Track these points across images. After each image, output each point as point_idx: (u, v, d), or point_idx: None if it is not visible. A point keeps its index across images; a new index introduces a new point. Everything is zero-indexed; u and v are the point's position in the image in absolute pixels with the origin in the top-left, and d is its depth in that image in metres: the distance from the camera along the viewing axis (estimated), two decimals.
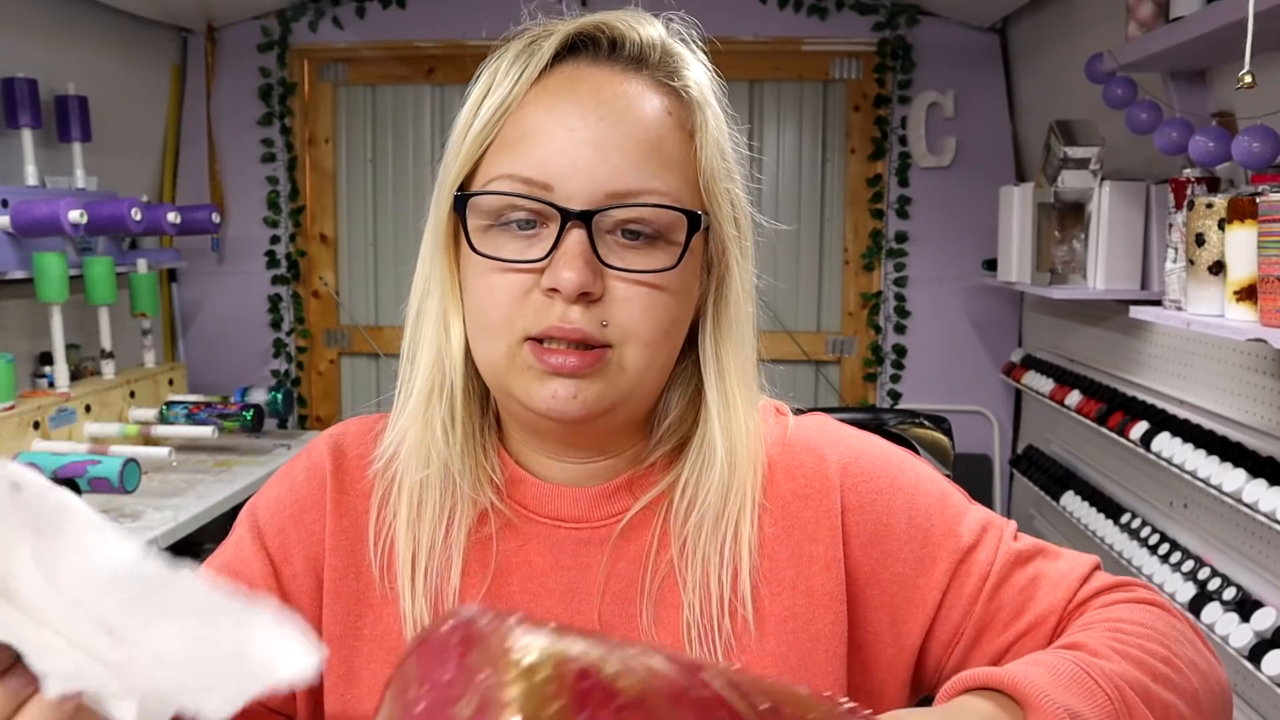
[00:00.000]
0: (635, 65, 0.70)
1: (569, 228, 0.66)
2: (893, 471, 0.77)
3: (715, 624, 0.71)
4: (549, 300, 0.66)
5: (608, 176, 0.66)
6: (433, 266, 0.73)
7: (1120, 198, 2.17)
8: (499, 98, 0.69)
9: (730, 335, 0.74)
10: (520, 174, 0.67)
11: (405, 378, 0.75)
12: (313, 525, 0.74)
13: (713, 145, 0.71)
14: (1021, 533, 0.77)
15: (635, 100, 0.68)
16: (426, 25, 3.19)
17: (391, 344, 3.33)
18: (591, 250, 0.66)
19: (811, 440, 0.77)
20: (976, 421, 3.20)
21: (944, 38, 3.08)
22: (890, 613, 0.74)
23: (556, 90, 0.68)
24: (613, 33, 0.71)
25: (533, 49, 0.70)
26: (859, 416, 1.24)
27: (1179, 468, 1.91)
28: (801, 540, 0.74)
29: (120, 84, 2.88)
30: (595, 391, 0.67)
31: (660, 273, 0.67)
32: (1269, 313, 1.42)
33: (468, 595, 0.72)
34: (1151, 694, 0.62)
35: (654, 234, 0.68)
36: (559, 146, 0.66)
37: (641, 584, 0.72)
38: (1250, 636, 1.67)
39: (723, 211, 0.72)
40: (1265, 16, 1.33)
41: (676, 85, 0.71)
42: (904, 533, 0.75)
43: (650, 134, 0.68)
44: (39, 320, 2.45)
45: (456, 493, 0.73)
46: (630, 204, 0.66)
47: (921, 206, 3.18)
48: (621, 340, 0.67)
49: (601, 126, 0.67)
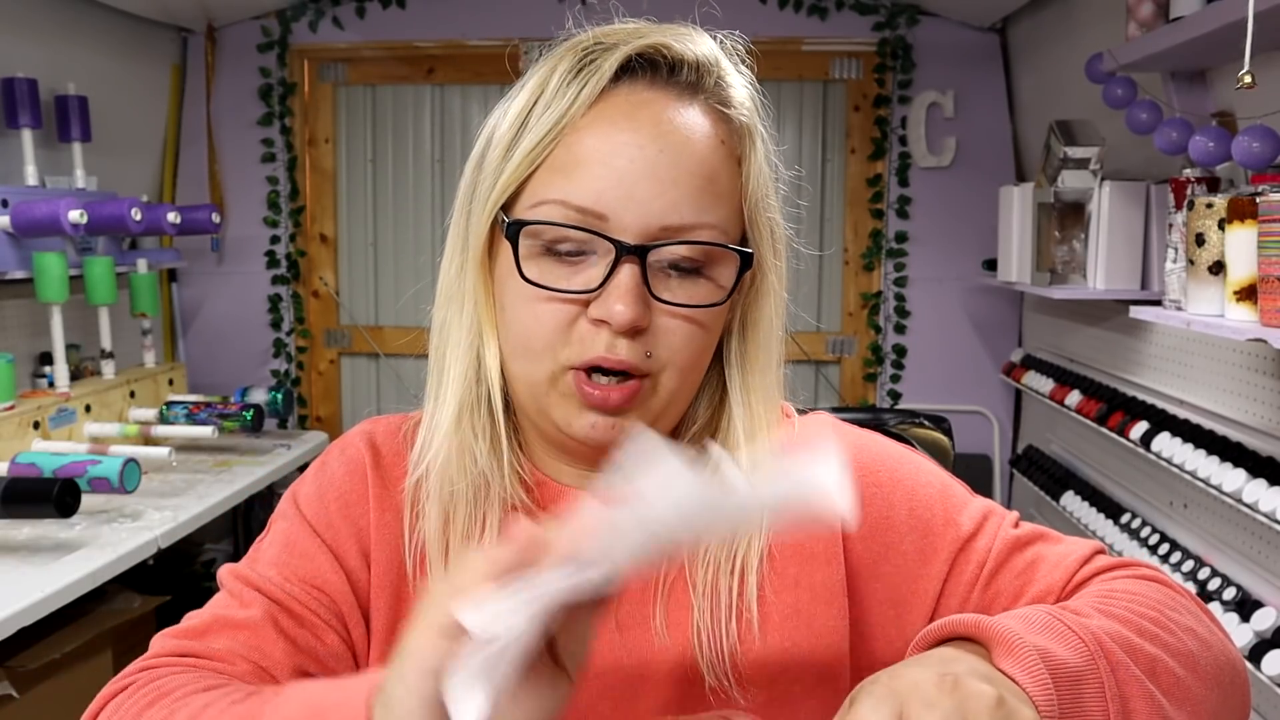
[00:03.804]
0: (691, 91, 0.70)
1: (623, 261, 0.65)
2: (892, 465, 0.77)
3: (723, 627, 0.71)
4: (596, 330, 0.66)
5: (664, 210, 0.66)
6: (462, 279, 0.72)
7: (1120, 198, 2.17)
8: (554, 117, 0.67)
9: (759, 357, 0.74)
10: (574, 202, 0.66)
11: (433, 391, 0.74)
12: (359, 519, 0.74)
13: (758, 173, 0.71)
14: (1024, 522, 0.78)
15: (693, 131, 0.68)
16: (426, 25, 3.19)
17: (391, 344, 3.33)
18: (644, 284, 0.65)
19: (813, 438, 0.78)
20: (976, 421, 3.20)
21: (944, 38, 3.08)
22: (894, 605, 0.75)
23: (615, 117, 0.67)
24: (671, 55, 0.70)
25: (588, 67, 0.68)
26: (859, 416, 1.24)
27: (1179, 468, 1.91)
28: (803, 538, 0.74)
29: (120, 84, 2.88)
30: (632, 421, 0.68)
31: (706, 308, 0.68)
32: (1269, 313, 1.42)
33: None
34: (1134, 646, 0.61)
35: (698, 266, 0.68)
36: (617, 178, 0.65)
37: (655, 587, 0.73)
38: (1250, 636, 1.67)
39: (764, 238, 0.72)
40: (1265, 16, 1.33)
41: (730, 112, 0.70)
42: (905, 525, 0.75)
43: (705, 167, 0.68)
44: (39, 320, 2.45)
45: (490, 499, 0.73)
46: (684, 241, 0.66)
47: (921, 206, 3.18)
48: (660, 369, 0.68)
49: (661, 159, 0.66)
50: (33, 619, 1.61)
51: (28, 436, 2.20)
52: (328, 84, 3.29)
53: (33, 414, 2.23)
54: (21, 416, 2.19)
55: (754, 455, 0.72)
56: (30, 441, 2.20)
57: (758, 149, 0.71)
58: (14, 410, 2.17)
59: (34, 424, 2.23)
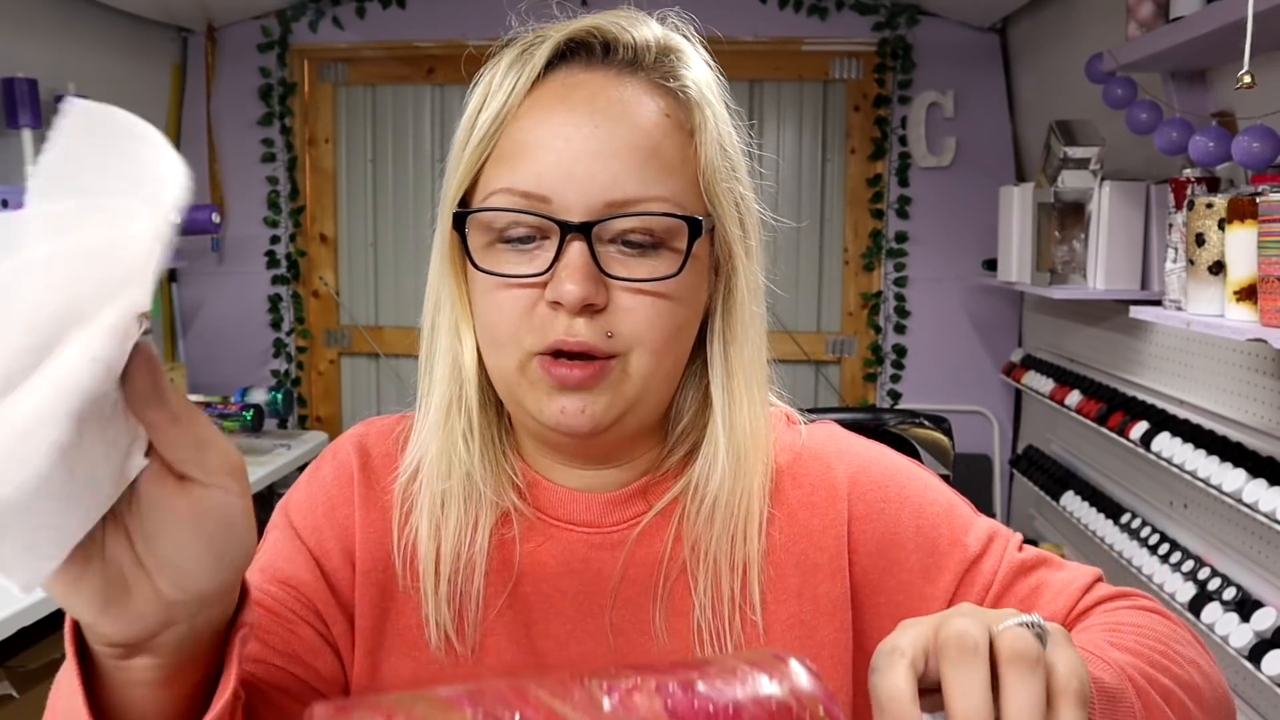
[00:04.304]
0: (630, 68, 0.69)
1: (569, 240, 0.65)
2: (901, 481, 0.77)
3: (726, 624, 0.71)
4: (554, 313, 0.65)
5: (606, 186, 0.65)
6: (441, 280, 0.73)
7: (1120, 198, 2.17)
8: (493, 110, 0.68)
9: (736, 336, 0.73)
10: (517, 188, 0.66)
11: (424, 391, 0.75)
12: (344, 520, 0.74)
13: (713, 144, 0.69)
14: (1026, 544, 0.77)
15: (631, 105, 0.67)
16: (426, 25, 3.19)
17: (392, 344, 3.33)
18: (593, 261, 0.65)
19: (819, 449, 0.77)
20: (976, 421, 3.20)
21: (944, 38, 3.08)
22: (895, 620, 0.73)
23: (549, 100, 0.67)
24: (605, 36, 0.69)
25: (525, 57, 0.69)
26: (859, 416, 1.24)
27: (1179, 468, 1.91)
28: (807, 549, 0.74)
29: (120, 84, 2.88)
30: (602, 404, 0.67)
31: (663, 280, 0.66)
32: (1269, 313, 1.42)
33: (490, 598, 0.72)
34: (1151, 676, 0.61)
35: (656, 242, 0.67)
36: (555, 158, 0.65)
37: (655, 588, 0.72)
38: (1250, 636, 1.67)
39: (726, 211, 0.70)
40: (1265, 16, 1.33)
41: (673, 85, 0.69)
42: (911, 541, 0.75)
43: (648, 139, 0.67)
44: None
45: (480, 499, 0.72)
46: (629, 213, 0.65)
47: (921, 206, 3.18)
48: (627, 349, 0.67)
49: (597, 134, 0.66)
50: (33, 619, 1.61)
51: None
52: (328, 84, 3.30)
53: None
54: None
55: (735, 449, 0.71)
56: None
57: (710, 121, 0.69)
58: None
59: None
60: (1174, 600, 1.90)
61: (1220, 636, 1.73)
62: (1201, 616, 1.79)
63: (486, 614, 0.72)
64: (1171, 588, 1.93)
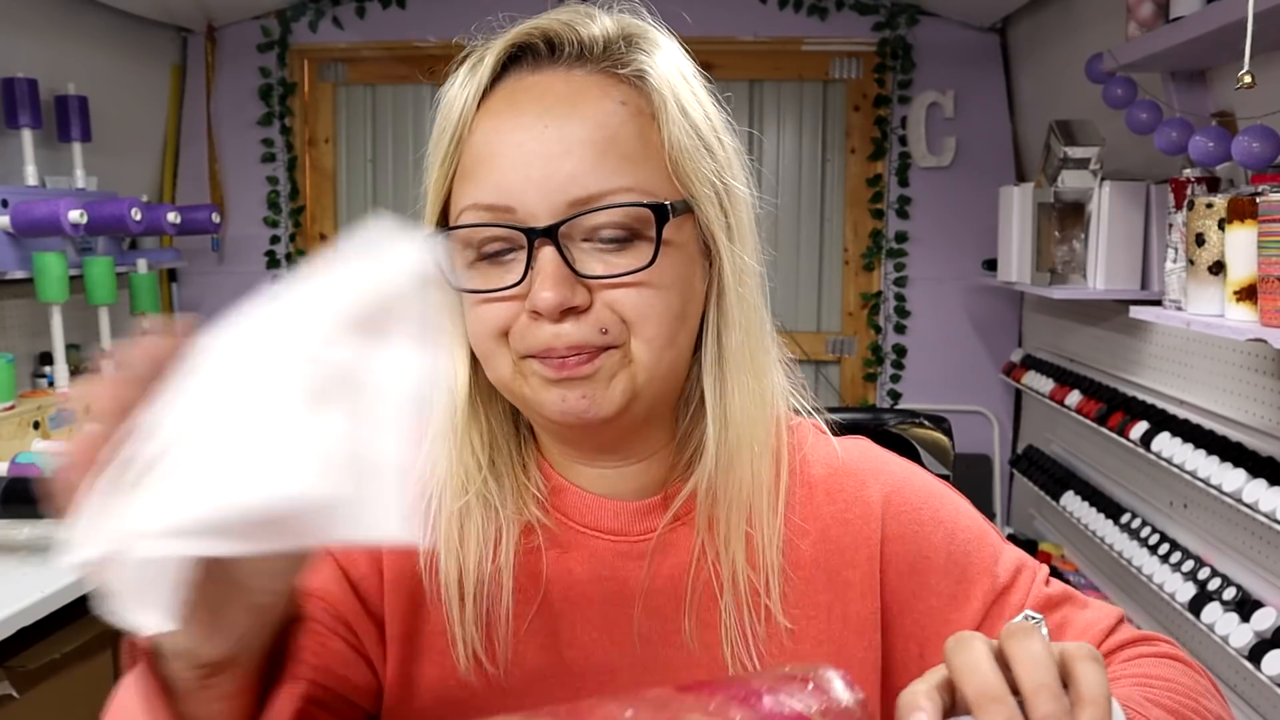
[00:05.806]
0: (579, 62, 0.67)
1: (537, 246, 0.63)
2: (935, 504, 0.76)
3: (749, 627, 0.70)
4: (535, 323, 0.65)
5: (564, 185, 0.63)
6: None
7: (1120, 198, 2.17)
8: (449, 127, 0.67)
9: (726, 320, 0.70)
10: (482, 201, 0.65)
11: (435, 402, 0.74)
12: None
13: (678, 126, 0.67)
14: (1029, 550, 0.77)
15: (581, 99, 0.65)
16: (426, 25, 3.19)
17: None
18: (564, 264, 0.63)
19: (854, 465, 0.76)
20: (976, 421, 3.20)
21: (944, 38, 3.08)
22: (919, 643, 0.74)
23: (499, 107, 0.66)
24: (548, 35, 0.68)
25: (474, 69, 0.68)
26: (859, 417, 1.24)
27: (1179, 468, 1.91)
28: (839, 565, 0.73)
29: (120, 84, 2.88)
30: (604, 389, 0.66)
31: (639, 272, 0.65)
32: (1269, 313, 1.42)
33: (520, 612, 0.71)
34: None
35: (630, 234, 0.65)
36: (510, 165, 0.64)
37: (683, 594, 0.71)
38: (1250, 636, 1.67)
39: (701, 192, 0.68)
40: (1265, 16, 1.33)
41: (626, 72, 0.67)
42: (942, 566, 0.74)
43: (602, 130, 0.64)
44: (39, 320, 2.45)
45: (499, 516, 0.71)
46: (593, 209, 0.64)
47: (921, 206, 3.18)
48: (624, 340, 0.66)
49: (548, 134, 0.64)
50: (33, 619, 1.61)
51: (28, 436, 2.20)
52: (328, 84, 3.29)
53: (33, 414, 2.23)
54: (21, 416, 2.19)
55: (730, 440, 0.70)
56: (30, 441, 2.19)
57: (671, 103, 0.67)
58: (14, 410, 2.17)
59: (34, 424, 2.23)
60: (1174, 600, 1.90)
61: (1220, 636, 1.73)
62: (1201, 616, 1.79)
63: (517, 627, 0.71)
64: (1171, 588, 1.93)
